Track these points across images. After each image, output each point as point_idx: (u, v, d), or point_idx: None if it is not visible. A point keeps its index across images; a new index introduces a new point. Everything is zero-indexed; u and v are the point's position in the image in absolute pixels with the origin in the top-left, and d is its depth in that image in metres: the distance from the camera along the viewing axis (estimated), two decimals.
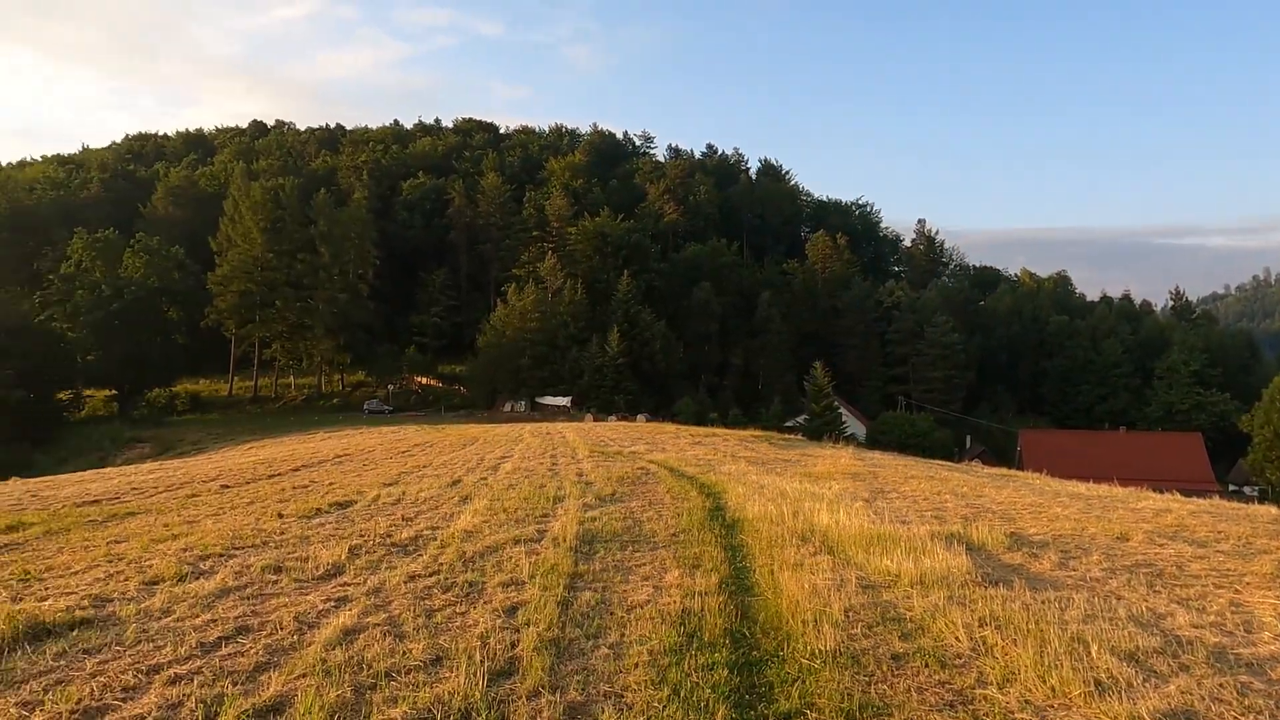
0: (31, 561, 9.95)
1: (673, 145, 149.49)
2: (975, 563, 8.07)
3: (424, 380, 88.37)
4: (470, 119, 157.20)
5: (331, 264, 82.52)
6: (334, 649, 5.78)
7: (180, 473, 25.26)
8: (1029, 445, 68.83)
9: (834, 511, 11.10)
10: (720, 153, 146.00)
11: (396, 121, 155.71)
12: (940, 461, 32.76)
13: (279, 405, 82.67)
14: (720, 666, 5.40)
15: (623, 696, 4.98)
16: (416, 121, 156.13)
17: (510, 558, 8.91)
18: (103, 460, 53.66)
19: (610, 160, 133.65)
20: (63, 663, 5.69)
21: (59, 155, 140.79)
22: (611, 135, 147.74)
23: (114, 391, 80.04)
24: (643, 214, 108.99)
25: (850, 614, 6.43)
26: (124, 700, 4.98)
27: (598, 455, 24.18)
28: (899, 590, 7.19)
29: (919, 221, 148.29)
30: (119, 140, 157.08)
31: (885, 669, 5.30)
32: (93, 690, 5.09)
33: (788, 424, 65.62)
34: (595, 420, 60.15)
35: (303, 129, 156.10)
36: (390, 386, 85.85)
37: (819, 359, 75.19)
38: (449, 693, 4.93)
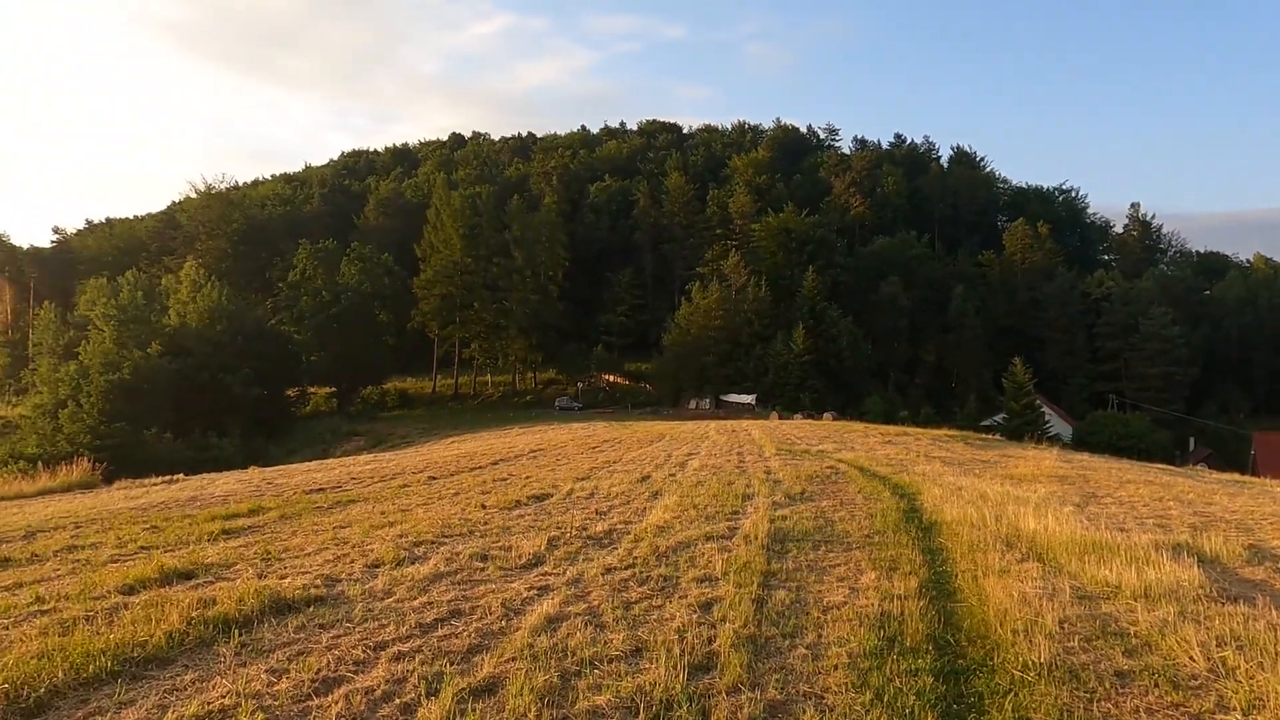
0: (270, 542, 10.99)
1: (858, 137, 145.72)
2: (1209, 576, 7.38)
3: (611, 378, 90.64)
4: (654, 120, 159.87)
5: (524, 267, 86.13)
6: (539, 635, 6.04)
7: (392, 464, 27.14)
8: (1265, 449, 62.14)
9: (1041, 516, 10.48)
10: (909, 142, 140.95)
11: (584, 127, 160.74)
12: (1160, 465, 30.19)
13: (477, 402, 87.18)
14: (924, 673, 5.23)
15: (823, 698, 4.92)
16: (603, 126, 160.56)
17: (702, 554, 8.99)
18: (324, 452, 58.57)
19: (794, 155, 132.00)
20: (302, 635, 6.26)
21: (286, 174, 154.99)
22: (795, 130, 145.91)
23: (333, 389, 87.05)
24: (827, 208, 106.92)
25: (1065, 625, 6.05)
26: (355, 673, 5.41)
27: (785, 453, 23.94)
28: (1120, 603, 6.68)
29: (1132, 206, 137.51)
30: (336, 157, 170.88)
31: (1108, 686, 4.95)
32: (329, 662, 5.56)
33: (984, 423, 62.48)
34: (780, 418, 59.59)
35: (497, 139, 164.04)
36: (579, 384, 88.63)
37: (1018, 355, 71.08)
38: (650, 683, 5.04)
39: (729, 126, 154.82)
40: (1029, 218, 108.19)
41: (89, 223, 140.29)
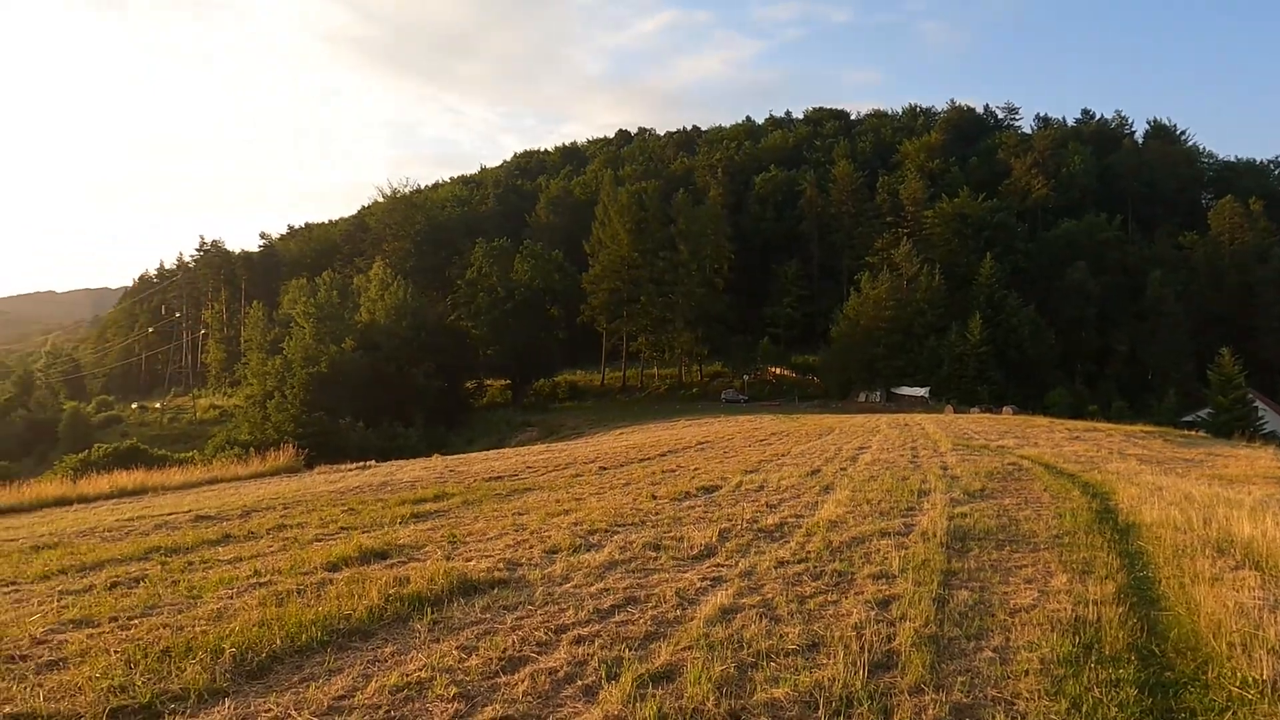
0: (455, 527, 11.58)
1: (1041, 115, 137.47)
2: None
3: (778, 371, 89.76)
4: (820, 108, 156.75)
5: (690, 260, 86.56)
6: (714, 626, 6.08)
7: (565, 454, 27.97)
8: None
9: (1258, 520, 9.55)
10: (1098, 117, 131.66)
11: (748, 118, 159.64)
12: None
13: (644, 394, 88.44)
14: (1127, 684, 4.89)
15: (1013, 704, 4.70)
16: (767, 116, 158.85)
17: (878, 550, 8.76)
18: (500, 441, 61.06)
19: (969, 137, 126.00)
20: (488, 616, 6.57)
21: (463, 176, 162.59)
22: (970, 110, 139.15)
23: (508, 381, 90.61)
24: (1006, 191, 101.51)
25: None
26: (539, 654, 5.63)
27: (961, 448, 22.97)
28: None
29: None
30: (509, 159, 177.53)
31: None
32: (514, 642, 5.81)
33: (1185, 419, 57.67)
34: (955, 412, 57.18)
35: (662, 134, 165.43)
36: (745, 377, 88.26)
37: (1226, 344, 65.10)
38: (829, 679, 4.97)
39: (899, 110, 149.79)
40: (1239, 194, 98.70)
41: (290, 228, 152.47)
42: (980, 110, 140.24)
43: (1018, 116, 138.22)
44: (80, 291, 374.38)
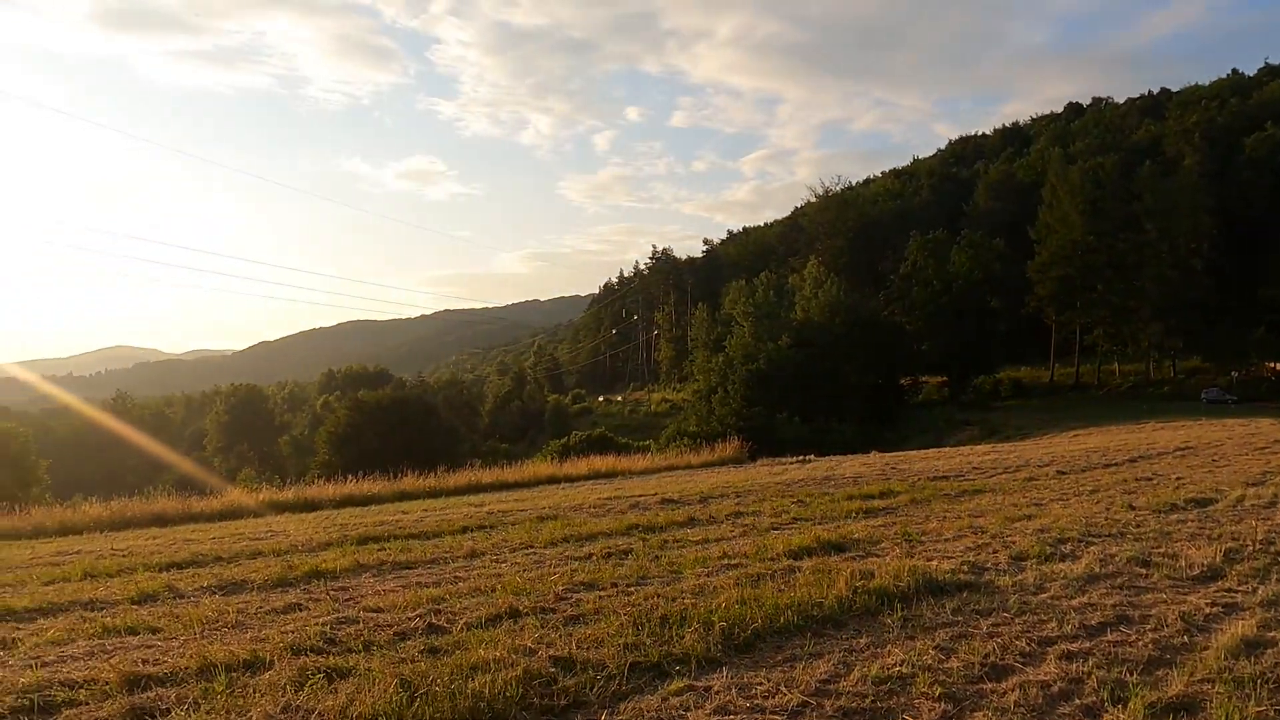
0: (907, 524, 11.40)
1: None
2: None
3: (1276, 366, 75.31)
4: None
5: (1159, 240, 75.99)
6: (1238, 659, 5.27)
7: (1013, 455, 26.16)
8: None
9: None
10: None
11: (1234, 71, 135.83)
12: None
13: (1101, 392, 79.59)
14: None
15: None
16: (1262, 65, 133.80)
17: None
18: (937, 440, 58.89)
19: None
20: (959, 619, 6.36)
21: (894, 169, 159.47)
22: None
23: (944, 378, 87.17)
24: None
25: None
26: (1023, 664, 5.32)
27: None
28: None
29: None
30: (942, 147, 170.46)
31: None
32: (993, 649, 5.56)
33: None
34: None
35: (1121, 101, 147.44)
36: (1233, 373, 75.34)
37: None
38: None
39: None
40: None
41: (730, 233, 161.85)
42: None
43: None
44: (558, 299, 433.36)
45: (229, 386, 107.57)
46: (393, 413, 64.84)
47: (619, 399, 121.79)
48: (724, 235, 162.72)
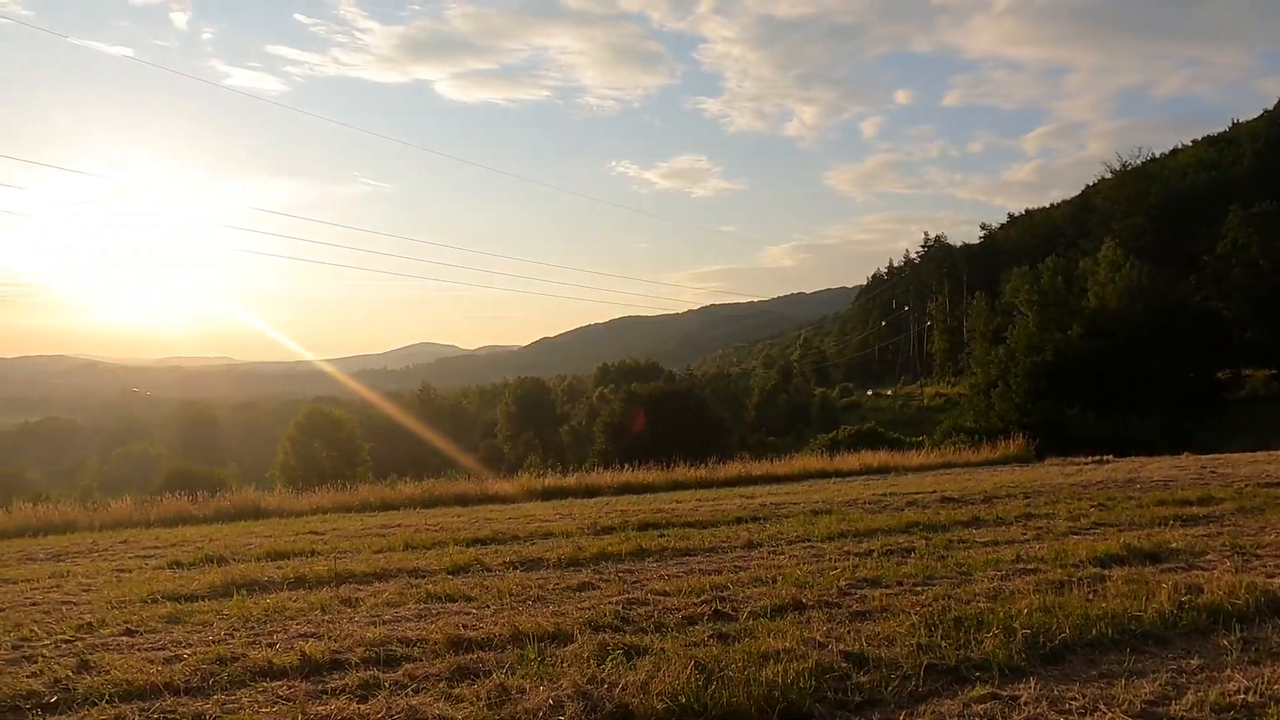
0: (1236, 535, 10.08)
1: None
2: None
3: None
4: None
5: None
6: None
7: None
8: None
9: None
10: None
11: None
12: None
13: None
14: None
15: None
16: None
17: None
18: (1263, 441, 51.58)
19: None
20: None
21: (1208, 136, 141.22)
22: None
23: (1273, 371, 76.36)
24: None
25: None
26: None
27: None
28: None
29: None
30: (1270, 107, 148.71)
31: None
32: None
33: None
34: None
35: None
36: None
37: None
38: None
39: None
40: None
41: (1010, 216, 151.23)
42: None
43: None
44: (824, 292, 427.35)
45: (515, 379, 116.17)
46: (664, 404, 67.00)
47: (888, 393, 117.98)
48: (1003, 219, 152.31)
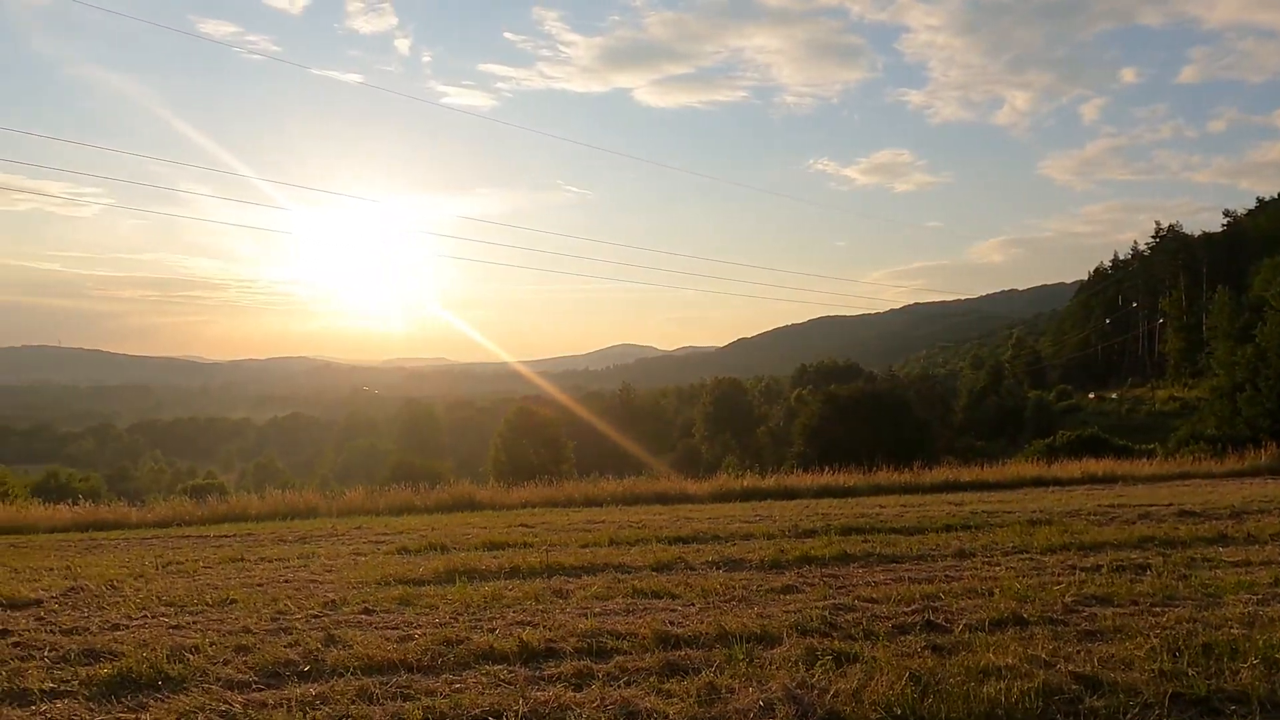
0: None
1: None
2: None
3: None
4: None
5: None
6: None
7: None
8: None
9: None
10: None
11: None
12: None
13: None
14: None
15: None
16: None
17: None
18: None
19: None
20: None
21: None
22: None
23: None
24: None
25: None
26: None
27: None
28: None
29: None
30: None
31: None
32: None
33: None
34: None
35: None
36: None
37: None
38: None
39: None
40: None
41: (1259, 201, 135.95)
42: None
43: None
44: (1038, 288, 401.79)
45: (712, 380, 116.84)
46: (864, 406, 65.28)
47: (1113, 396, 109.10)
48: (1251, 204, 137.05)
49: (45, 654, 6.28)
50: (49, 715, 4.96)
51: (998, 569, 9.20)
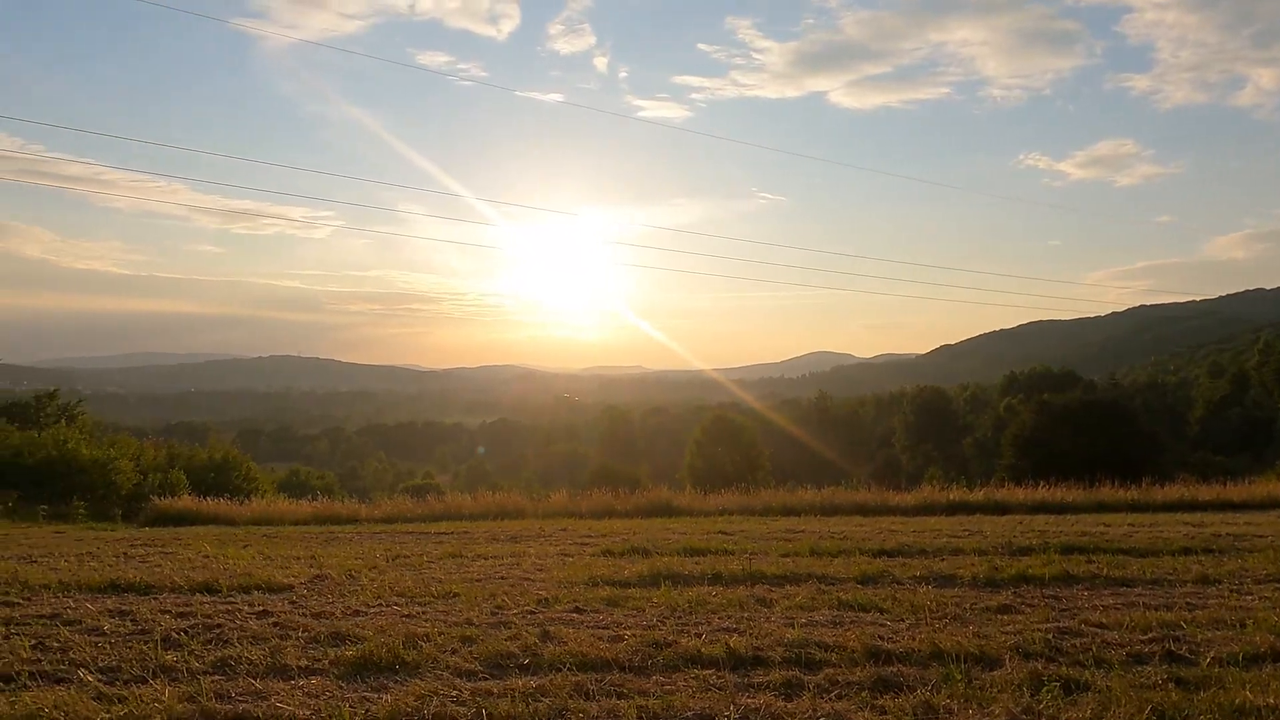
0: None
1: None
2: None
3: None
4: None
5: None
6: None
7: None
8: None
9: None
10: None
11: None
12: None
13: None
14: None
15: None
16: None
17: None
18: None
19: None
20: None
21: None
22: None
23: None
24: None
25: None
26: None
27: None
28: None
29: None
30: None
31: None
32: None
33: None
34: None
35: None
36: None
37: None
38: None
39: None
40: None
41: None
42: None
43: None
44: None
45: (914, 388, 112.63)
46: (1083, 416, 60.78)
47: None
48: None
49: (299, 634, 6.97)
50: (306, 690, 5.49)
51: (1249, 598, 8.33)
